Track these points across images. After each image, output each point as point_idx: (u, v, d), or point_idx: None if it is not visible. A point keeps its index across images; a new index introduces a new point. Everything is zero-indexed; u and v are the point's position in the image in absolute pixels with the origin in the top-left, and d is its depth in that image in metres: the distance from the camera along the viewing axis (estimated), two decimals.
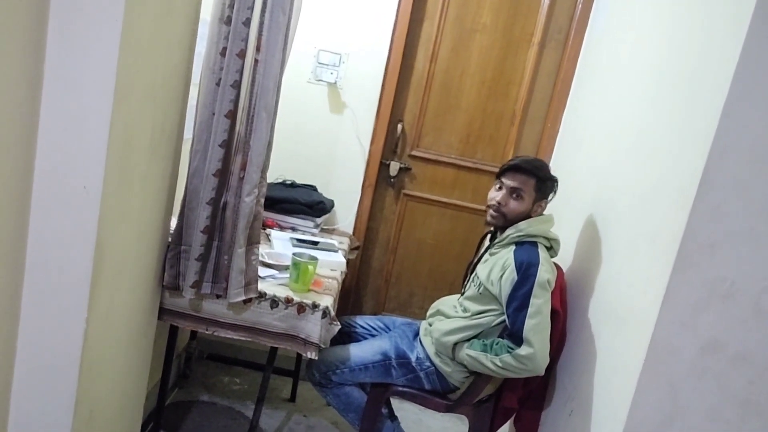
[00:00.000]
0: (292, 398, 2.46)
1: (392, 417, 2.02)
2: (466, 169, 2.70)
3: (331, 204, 2.52)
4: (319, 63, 2.51)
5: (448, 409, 1.83)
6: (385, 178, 2.70)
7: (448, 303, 1.94)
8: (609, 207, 1.70)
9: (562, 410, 1.71)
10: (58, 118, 1.12)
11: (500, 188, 1.81)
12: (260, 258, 1.75)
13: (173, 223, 1.68)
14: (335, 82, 2.52)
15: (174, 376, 2.30)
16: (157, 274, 1.64)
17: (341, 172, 2.62)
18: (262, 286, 1.73)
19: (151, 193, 1.47)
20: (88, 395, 1.35)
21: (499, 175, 1.83)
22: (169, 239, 1.66)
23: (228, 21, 1.49)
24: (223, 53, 1.51)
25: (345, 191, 2.63)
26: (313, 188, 2.55)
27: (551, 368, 1.75)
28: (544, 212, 1.83)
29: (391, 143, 2.66)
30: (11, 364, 1.22)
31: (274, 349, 1.83)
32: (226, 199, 1.60)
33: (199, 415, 2.22)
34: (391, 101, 2.57)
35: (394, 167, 2.66)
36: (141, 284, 1.54)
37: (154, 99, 1.36)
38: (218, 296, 1.67)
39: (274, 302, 1.72)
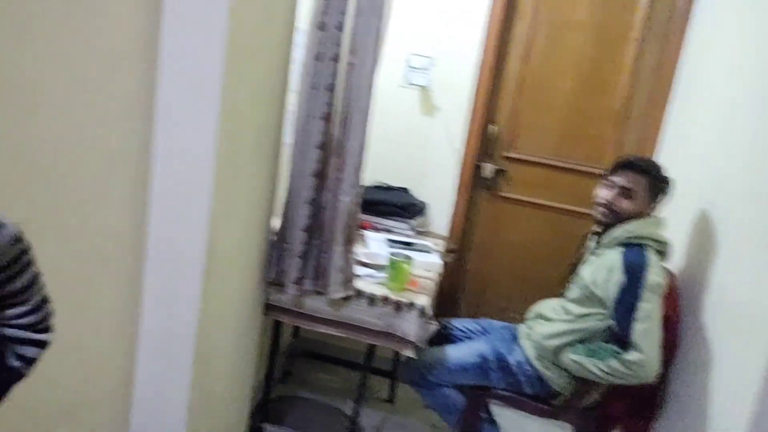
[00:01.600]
0: (390, 399, 2.48)
1: (492, 422, 1.98)
2: (563, 170, 2.60)
3: (425, 206, 2.53)
4: (410, 67, 2.54)
5: (551, 415, 1.76)
6: (479, 181, 2.66)
7: (548, 306, 1.88)
8: (726, 207, 1.57)
9: (675, 422, 1.59)
10: (172, 123, 1.22)
11: (610, 187, 1.72)
12: (357, 257, 1.79)
13: (276, 222, 1.76)
14: (426, 86, 2.54)
15: (278, 372, 2.39)
16: (261, 270, 1.72)
17: (434, 174, 2.62)
18: (359, 284, 1.77)
19: (255, 193, 1.56)
20: (201, 382, 1.44)
21: (609, 173, 1.75)
22: (273, 237, 1.74)
23: (322, 26, 1.55)
24: (317, 58, 1.56)
25: (438, 194, 2.62)
26: (406, 191, 2.57)
27: (663, 376, 1.63)
28: (656, 214, 1.72)
29: (484, 145, 2.63)
30: (134, 351, 1.34)
31: (371, 348, 1.86)
32: (325, 199, 1.66)
33: (301, 410, 2.30)
34: (484, 103, 2.54)
35: (489, 169, 2.62)
36: (248, 279, 1.63)
37: (257, 102, 1.44)
38: (319, 293, 1.73)
39: (372, 300, 1.74)
